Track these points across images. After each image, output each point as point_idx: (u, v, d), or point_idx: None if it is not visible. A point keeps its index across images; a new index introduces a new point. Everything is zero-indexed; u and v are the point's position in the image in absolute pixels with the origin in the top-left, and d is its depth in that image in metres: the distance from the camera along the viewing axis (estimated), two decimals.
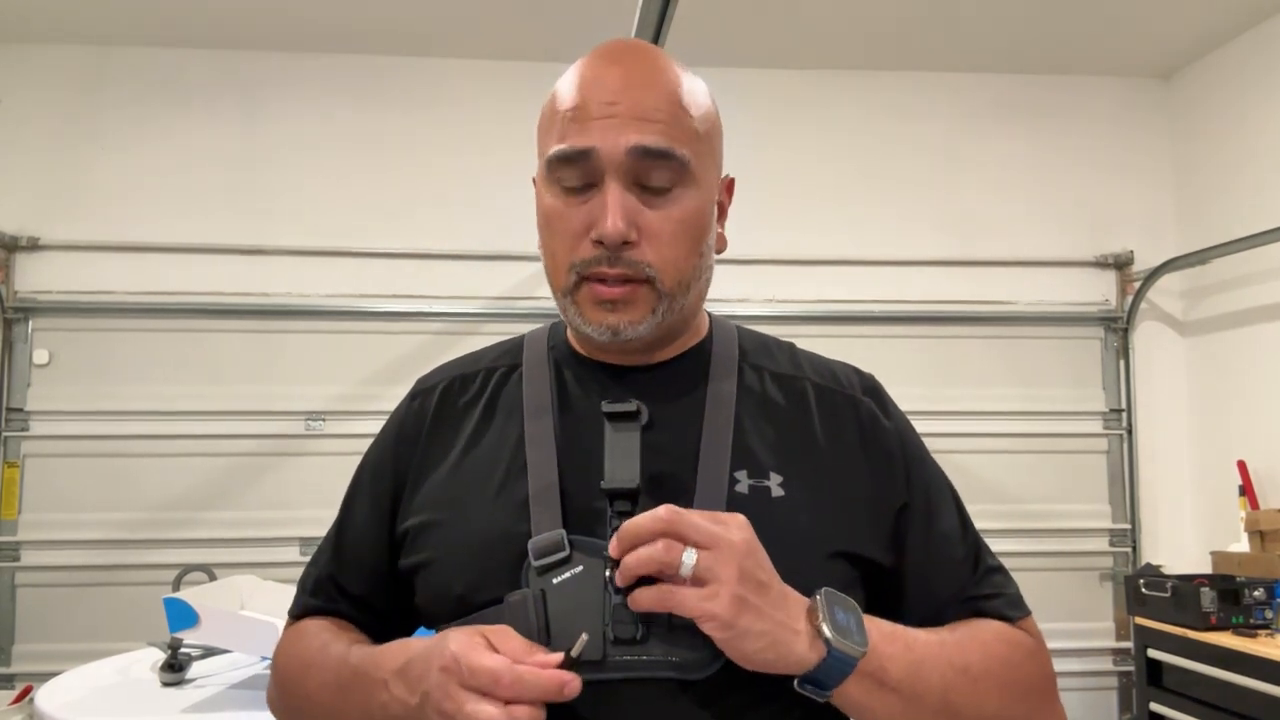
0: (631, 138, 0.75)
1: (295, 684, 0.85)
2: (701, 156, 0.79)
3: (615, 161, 0.76)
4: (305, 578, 0.94)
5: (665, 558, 0.65)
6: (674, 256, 0.78)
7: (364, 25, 3.28)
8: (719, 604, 0.65)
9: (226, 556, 3.10)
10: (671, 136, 0.77)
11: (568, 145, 0.77)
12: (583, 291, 0.79)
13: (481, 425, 0.85)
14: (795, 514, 0.78)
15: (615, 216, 0.75)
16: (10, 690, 3.02)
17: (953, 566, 0.84)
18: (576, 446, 0.80)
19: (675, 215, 0.78)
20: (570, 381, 0.86)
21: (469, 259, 3.41)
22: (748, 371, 0.86)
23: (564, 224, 0.78)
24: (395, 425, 0.91)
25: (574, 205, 0.78)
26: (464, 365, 0.92)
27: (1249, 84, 3.29)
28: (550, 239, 0.80)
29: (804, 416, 0.84)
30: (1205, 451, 3.47)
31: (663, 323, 0.80)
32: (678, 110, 0.78)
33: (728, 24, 3.25)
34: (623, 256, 0.76)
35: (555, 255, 0.80)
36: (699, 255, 0.80)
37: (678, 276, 0.79)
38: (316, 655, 0.83)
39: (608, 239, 0.75)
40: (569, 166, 0.77)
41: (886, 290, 3.53)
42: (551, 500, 0.77)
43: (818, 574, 0.75)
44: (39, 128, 3.36)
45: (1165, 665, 2.79)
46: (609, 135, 0.76)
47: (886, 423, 0.86)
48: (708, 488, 0.77)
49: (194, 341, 3.32)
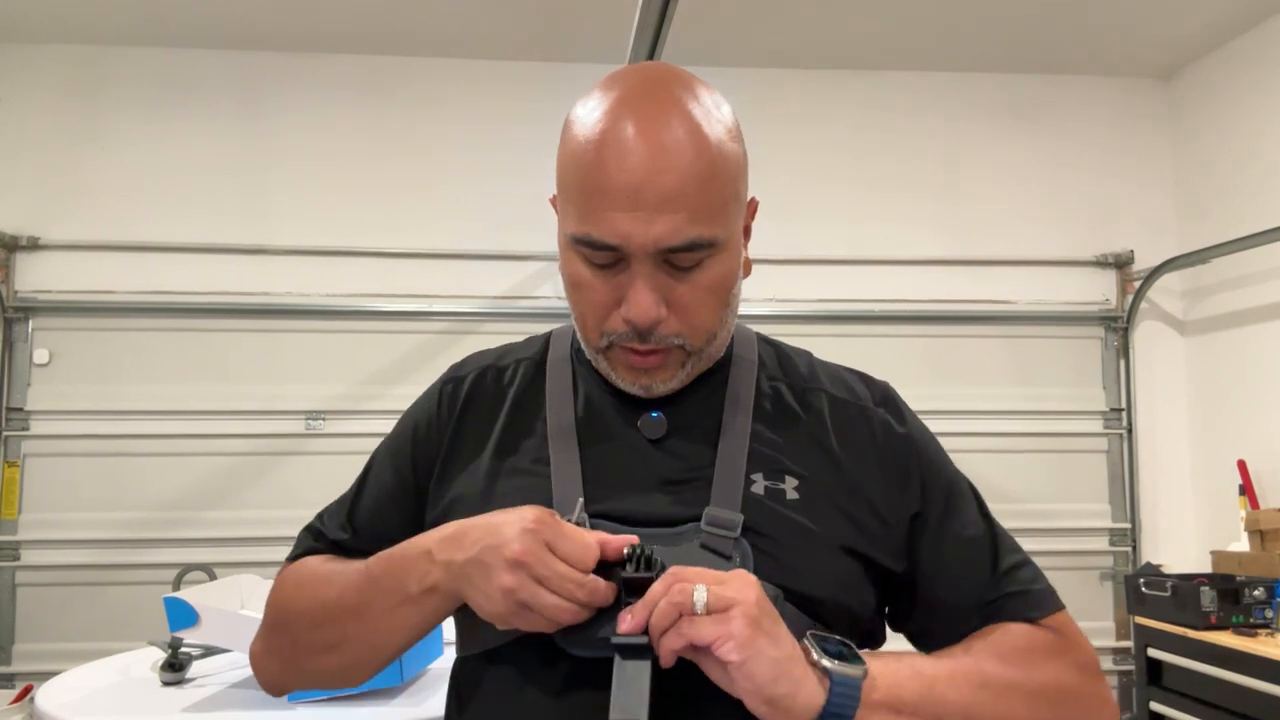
0: (660, 235, 0.73)
1: (302, 603, 0.84)
2: (730, 216, 0.78)
3: (643, 252, 0.74)
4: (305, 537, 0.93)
5: (678, 598, 0.66)
6: (702, 322, 0.78)
7: (364, 25, 3.28)
8: (735, 624, 0.65)
9: (226, 556, 3.10)
10: (701, 222, 0.74)
11: (591, 235, 0.75)
12: (615, 355, 0.80)
13: (510, 420, 0.86)
14: (809, 515, 0.79)
15: (646, 306, 0.75)
16: (10, 690, 3.02)
17: (969, 571, 0.83)
18: (596, 446, 0.82)
19: (704, 284, 0.77)
20: (592, 385, 0.87)
21: (469, 259, 3.42)
22: (765, 379, 0.87)
23: (592, 294, 0.78)
24: (426, 408, 0.91)
25: (600, 278, 0.77)
26: (497, 357, 0.93)
27: (1249, 84, 3.29)
28: (579, 302, 0.80)
29: (819, 426, 0.85)
30: (1205, 451, 3.47)
31: (692, 372, 0.82)
32: (705, 184, 0.75)
33: (728, 24, 3.25)
34: (653, 334, 0.77)
35: (584, 318, 0.80)
36: (726, 307, 0.81)
37: (706, 336, 0.80)
38: (331, 570, 0.84)
39: (638, 326, 0.76)
40: (593, 250, 0.76)
41: (886, 290, 3.53)
42: (573, 489, 0.79)
43: (830, 571, 0.77)
44: (39, 128, 3.36)
45: (1165, 664, 2.79)
46: (635, 230, 0.73)
47: (900, 430, 0.86)
48: (724, 487, 0.78)
49: (195, 341, 3.32)
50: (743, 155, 0.80)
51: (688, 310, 0.77)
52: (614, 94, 0.77)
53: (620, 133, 0.74)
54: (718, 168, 0.75)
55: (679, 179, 0.73)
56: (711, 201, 0.75)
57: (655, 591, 0.67)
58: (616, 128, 0.75)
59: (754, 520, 0.77)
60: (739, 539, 0.75)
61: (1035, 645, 0.79)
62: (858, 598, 0.79)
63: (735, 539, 0.75)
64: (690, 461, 0.81)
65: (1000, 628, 0.81)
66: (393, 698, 1.57)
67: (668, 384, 0.81)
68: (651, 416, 0.83)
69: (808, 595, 0.75)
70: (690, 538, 0.76)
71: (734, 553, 0.75)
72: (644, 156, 0.73)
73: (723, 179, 0.76)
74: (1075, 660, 0.80)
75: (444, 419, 0.89)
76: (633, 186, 0.73)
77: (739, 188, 0.79)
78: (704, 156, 0.74)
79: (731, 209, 0.78)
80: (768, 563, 0.75)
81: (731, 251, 0.79)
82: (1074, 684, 0.79)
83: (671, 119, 0.75)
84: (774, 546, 0.76)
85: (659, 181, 0.73)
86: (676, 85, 0.78)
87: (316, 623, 0.83)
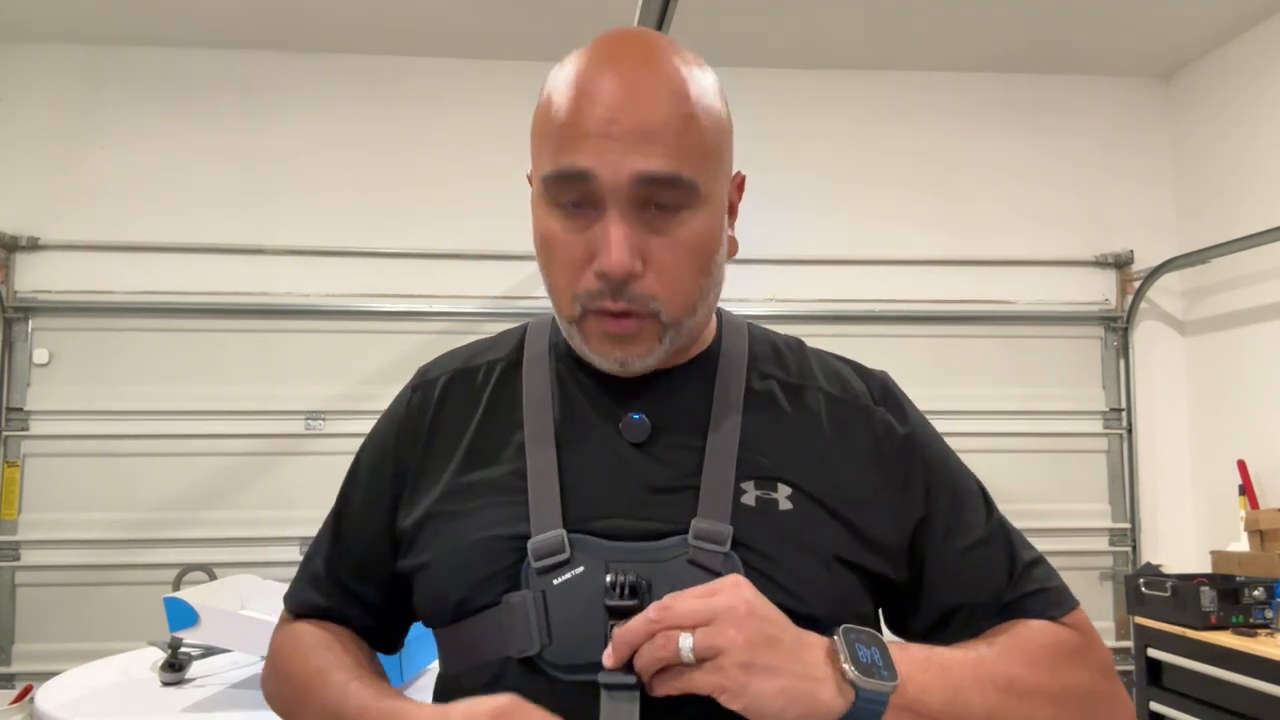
0: (634, 163, 0.69)
1: (290, 701, 0.84)
2: (711, 171, 0.74)
3: (616, 189, 0.70)
4: (303, 567, 0.92)
5: (664, 653, 0.63)
6: (681, 286, 0.74)
7: (364, 25, 3.28)
8: (725, 676, 0.62)
9: (226, 556, 3.10)
10: (677, 158, 0.71)
11: (563, 166, 0.71)
12: (588, 323, 0.75)
13: (482, 423, 0.82)
14: (803, 526, 0.75)
15: (619, 253, 0.70)
16: (10, 690, 3.02)
17: (985, 573, 0.81)
18: (576, 451, 0.78)
19: (683, 240, 0.73)
20: (571, 384, 0.82)
21: (469, 259, 3.42)
22: (756, 378, 0.82)
23: (564, 251, 0.74)
24: (395, 417, 0.88)
25: (573, 230, 0.73)
26: (467, 358, 0.89)
27: (1249, 84, 3.29)
28: (550, 264, 0.76)
29: (814, 427, 0.80)
30: (1205, 451, 3.47)
31: (670, 348, 0.77)
32: (685, 125, 0.71)
33: (728, 24, 3.25)
34: (626, 290, 0.72)
35: (556, 282, 0.76)
36: (707, 275, 0.76)
37: (684, 303, 0.75)
38: (314, 680, 0.81)
39: (611, 276, 0.71)
40: (565, 186, 0.72)
41: (887, 290, 3.53)
42: (551, 502, 0.75)
43: (826, 587, 0.74)
44: (39, 128, 3.36)
45: (1165, 665, 2.79)
46: (608, 158, 0.70)
47: (902, 430, 0.82)
48: (712, 498, 0.74)
49: (194, 341, 3.32)
50: (727, 119, 0.77)
51: (665, 270, 0.73)
52: (592, 46, 0.75)
53: (596, 72, 0.72)
54: (699, 115, 0.72)
55: (658, 114, 0.70)
56: (692, 144, 0.72)
57: (636, 631, 0.64)
58: (592, 68, 0.72)
59: (744, 533, 0.73)
60: (729, 554, 0.72)
61: (1060, 646, 0.77)
62: (855, 612, 0.76)
63: (725, 554, 0.72)
64: (676, 468, 0.76)
65: (1023, 624, 0.79)
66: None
67: (644, 359, 0.76)
68: (633, 419, 0.78)
69: (803, 614, 0.71)
70: (677, 553, 0.72)
71: (723, 569, 0.71)
72: (621, 92, 0.71)
73: (704, 127, 0.73)
74: (1097, 662, 0.79)
75: (415, 430, 0.85)
76: (608, 119, 0.70)
77: (721, 146, 0.76)
78: (685, 102, 0.72)
79: (713, 164, 0.74)
80: (760, 579, 0.71)
81: (713, 211, 0.75)
82: (1097, 687, 0.77)
83: (652, 63, 0.73)
84: (766, 562, 0.72)
85: (636, 114, 0.70)
86: (657, 39, 0.76)
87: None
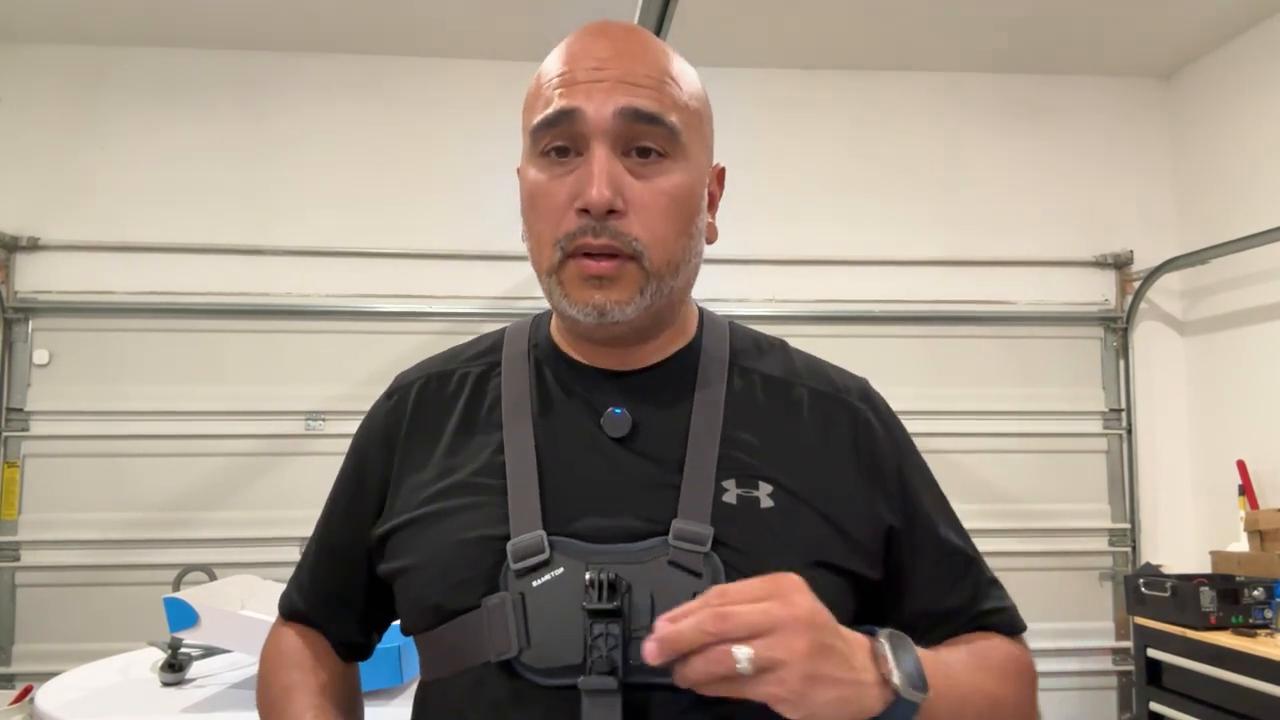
0: (619, 99, 0.73)
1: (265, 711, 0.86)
2: (691, 130, 0.77)
3: (602, 124, 0.73)
4: (294, 573, 0.94)
5: (720, 669, 0.59)
6: (662, 232, 0.75)
7: (364, 25, 3.28)
8: (786, 688, 0.59)
9: (226, 556, 3.10)
10: (661, 102, 0.74)
11: (550, 110, 0.74)
12: (568, 269, 0.75)
13: (460, 426, 0.82)
14: (784, 525, 0.75)
15: (601, 183, 0.72)
16: (10, 690, 3.02)
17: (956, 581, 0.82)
18: (556, 448, 0.78)
19: (664, 188, 0.75)
20: (551, 382, 0.82)
21: (469, 259, 3.42)
22: (738, 375, 0.83)
23: (548, 199, 0.75)
24: (372, 425, 0.89)
25: (558, 177, 0.75)
26: (442, 362, 0.89)
27: (1249, 84, 3.29)
28: (535, 218, 0.77)
29: (795, 422, 0.81)
30: (1205, 451, 3.47)
31: (651, 306, 0.76)
32: (667, 79, 0.76)
33: (728, 24, 3.25)
34: (608, 225, 0.73)
35: (540, 234, 0.77)
36: (688, 236, 0.77)
37: (665, 255, 0.75)
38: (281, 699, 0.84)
39: (593, 206, 0.72)
40: (553, 130, 0.74)
41: (886, 290, 3.53)
42: (531, 503, 0.74)
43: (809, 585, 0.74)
44: (39, 128, 3.36)
45: (1165, 665, 2.79)
46: (595, 96, 0.73)
47: (881, 432, 0.83)
48: (693, 497, 0.74)
49: (195, 341, 3.32)
50: (708, 104, 0.82)
51: (646, 212, 0.74)
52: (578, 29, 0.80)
53: (586, 39, 0.77)
54: (682, 79, 0.78)
55: (645, 67, 0.75)
56: (675, 97, 0.76)
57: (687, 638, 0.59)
58: (578, 37, 0.78)
59: (725, 533, 0.72)
60: (709, 554, 0.71)
61: (1021, 665, 0.81)
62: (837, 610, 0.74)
63: (705, 554, 0.71)
64: (657, 466, 0.76)
65: (996, 639, 0.81)
66: (393, 698, 1.57)
67: (624, 307, 0.75)
68: (615, 413, 0.78)
69: None
70: (657, 554, 0.71)
71: (704, 569, 0.70)
72: (608, 46, 0.76)
73: (686, 90, 0.77)
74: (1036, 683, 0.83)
75: (391, 436, 0.85)
76: (595, 67, 0.75)
77: (703, 115, 0.80)
78: (670, 63, 0.77)
79: (694, 123, 0.78)
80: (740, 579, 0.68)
81: (693, 172, 0.77)
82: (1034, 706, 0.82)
83: (636, 31, 0.79)
84: (747, 562, 0.71)
85: (622, 62, 0.75)
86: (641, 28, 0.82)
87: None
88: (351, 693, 0.91)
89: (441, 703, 0.77)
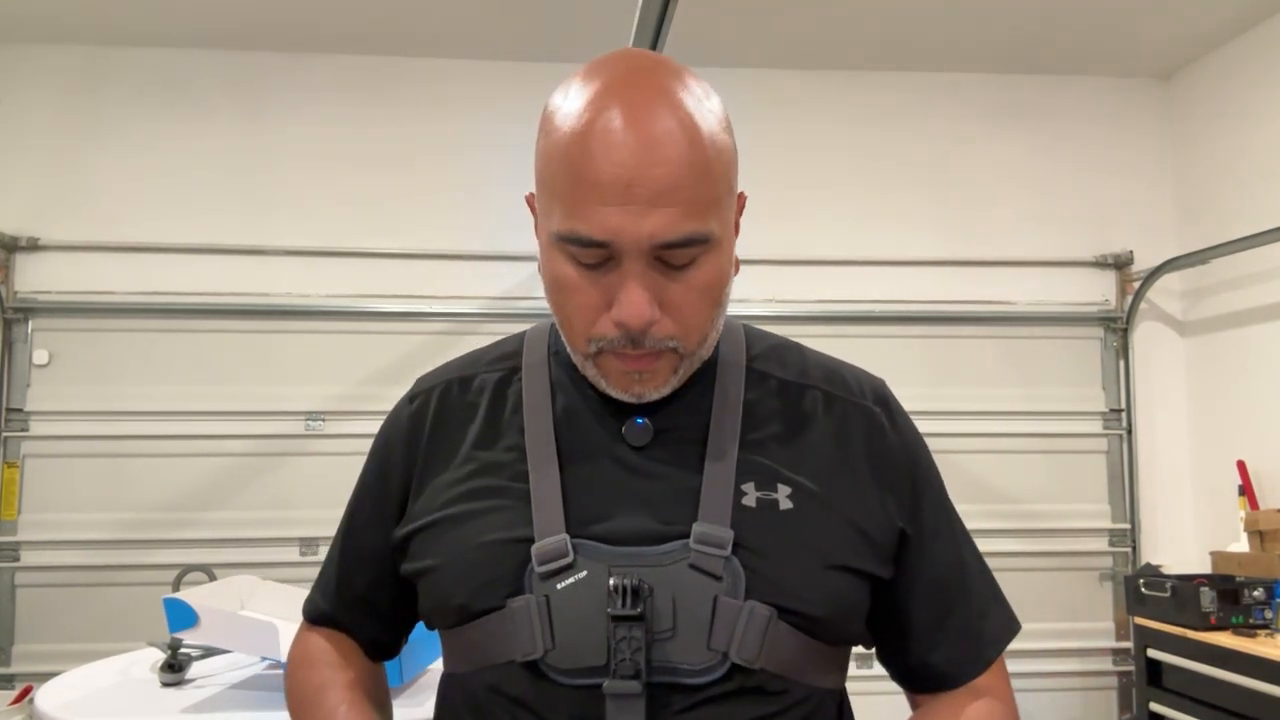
0: (654, 230, 0.68)
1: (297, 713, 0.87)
2: (725, 212, 0.74)
3: (637, 249, 0.69)
4: (319, 577, 0.94)
5: None
6: (697, 323, 0.74)
7: (364, 25, 3.28)
8: None
9: (226, 556, 3.10)
10: (695, 217, 0.70)
11: (579, 232, 0.70)
12: (605, 361, 0.75)
13: (483, 430, 0.83)
14: (804, 527, 0.75)
15: (639, 308, 0.70)
16: (10, 690, 3.02)
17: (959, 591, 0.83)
18: (577, 452, 0.79)
19: (698, 284, 0.73)
20: (571, 387, 0.83)
21: (469, 259, 3.42)
22: (755, 379, 0.83)
23: (580, 296, 0.73)
24: (395, 427, 0.89)
25: (588, 279, 0.72)
26: (463, 367, 0.89)
27: (1248, 84, 3.29)
28: (564, 304, 0.75)
29: (812, 425, 0.81)
30: (1205, 451, 3.47)
31: (684, 375, 0.78)
32: (700, 177, 0.70)
33: (728, 24, 3.25)
34: (647, 335, 0.72)
35: (571, 323, 0.75)
36: (718, 306, 0.76)
37: (699, 338, 0.75)
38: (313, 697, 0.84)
39: (631, 329, 0.71)
40: (583, 250, 0.71)
41: (886, 290, 3.53)
42: (554, 507, 0.75)
43: (827, 588, 0.74)
44: (39, 128, 3.36)
45: (1165, 665, 2.79)
46: (627, 225, 0.68)
47: (895, 438, 0.83)
48: (713, 501, 0.75)
49: (194, 341, 3.32)
50: (734, 147, 0.76)
51: (681, 311, 0.73)
52: (598, 82, 0.72)
53: (608, 123, 0.69)
54: (712, 160, 0.71)
55: (673, 172, 0.69)
56: (706, 195, 0.71)
57: None
58: (603, 118, 0.70)
59: (745, 536, 0.73)
60: (729, 558, 0.72)
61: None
62: (855, 612, 0.78)
63: (725, 558, 0.72)
64: (678, 471, 0.77)
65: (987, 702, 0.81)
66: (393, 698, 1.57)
67: (660, 390, 0.76)
68: (636, 423, 0.78)
69: (804, 614, 0.73)
70: (679, 557, 0.72)
71: (724, 573, 0.72)
72: (635, 148, 0.68)
73: (717, 171, 0.72)
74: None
75: (414, 438, 0.85)
76: (624, 180, 0.68)
77: (732, 181, 0.76)
78: (698, 148, 0.70)
79: (725, 203, 0.74)
80: (760, 582, 0.72)
81: (725, 248, 0.74)
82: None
83: (662, 108, 0.70)
84: (766, 564, 0.73)
85: (652, 174, 0.68)
86: (664, 73, 0.73)
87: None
88: (382, 689, 0.92)
89: (465, 694, 0.79)
